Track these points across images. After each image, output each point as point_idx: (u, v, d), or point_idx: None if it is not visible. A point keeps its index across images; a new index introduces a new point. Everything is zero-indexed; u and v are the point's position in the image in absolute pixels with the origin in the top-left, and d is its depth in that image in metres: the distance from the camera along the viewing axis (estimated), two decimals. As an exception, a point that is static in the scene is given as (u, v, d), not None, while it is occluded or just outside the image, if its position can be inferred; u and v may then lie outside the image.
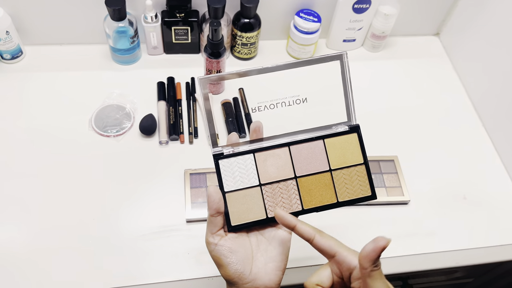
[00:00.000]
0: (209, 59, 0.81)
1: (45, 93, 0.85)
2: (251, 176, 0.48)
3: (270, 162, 0.48)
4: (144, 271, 0.66)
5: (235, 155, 0.48)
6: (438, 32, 1.06)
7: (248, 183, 0.47)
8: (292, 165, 0.49)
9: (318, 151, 0.50)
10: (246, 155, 0.48)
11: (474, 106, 0.93)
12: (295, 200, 0.48)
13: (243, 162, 0.48)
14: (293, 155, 0.49)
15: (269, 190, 0.48)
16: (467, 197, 0.80)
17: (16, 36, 0.85)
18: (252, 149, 0.48)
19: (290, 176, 0.48)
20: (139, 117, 0.82)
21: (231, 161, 0.47)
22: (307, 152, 0.50)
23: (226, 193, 0.47)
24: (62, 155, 0.77)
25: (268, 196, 0.47)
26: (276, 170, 0.48)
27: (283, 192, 0.48)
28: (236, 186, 0.47)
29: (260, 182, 0.48)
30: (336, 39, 0.98)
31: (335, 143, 0.50)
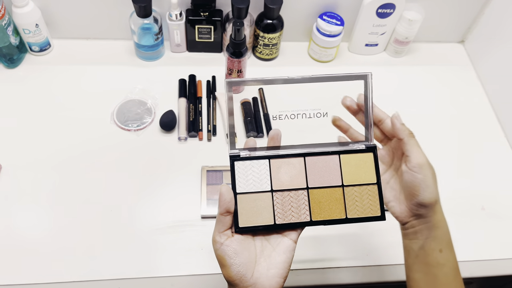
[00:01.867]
0: (231, 59, 0.82)
1: (70, 85, 0.87)
2: (264, 181, 0.48)
3: (284, 170, 0.49)
4: (158, 264, 0.68)
5: (251, 158, 0.48)
6: (463, 39, 1.05)
7: (260, 188, 0.48)
8: (306, 176, 0.49)
9: (333, 165, 0.50)
10: (262, 160, 0.49)
11: (496, 116, 0.92)
12: (304, 211, 0.48)
13: (257, 167, 0.48)
14: (308, 166, 0.50)
15: (280, 197, 0.48)
16: (485, 208, 0.78)
17: (45, 29, 0.88)
18: (268, 155, 0.49)
19: (303, 186, 0.49)
20: (159, 113, 0.83)
21: (246, 164, 0.48)
22: (322, 165, 0.50)
23: (237, 194, 0.47)
24: (83, 147, 0.79)
25: (278, 203, 0.48)
26: (289, 178, 0.49)
27: (293, 201, 0.48)
28: (248, 189, 0.48)
29: (272, 188, 0.48)
30: (359, 43, 0.98)
31: (350, 160, 0.50)
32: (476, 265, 0.72)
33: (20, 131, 0.80)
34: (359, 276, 0.70)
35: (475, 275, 0.72)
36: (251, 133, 0.83)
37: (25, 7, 0.82)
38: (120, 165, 0.77)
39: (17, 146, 0.78)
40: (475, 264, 0.72)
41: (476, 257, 0.73)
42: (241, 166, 0.48)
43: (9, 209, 0.71)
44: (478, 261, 0.72)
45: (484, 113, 0.93)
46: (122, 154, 0.79)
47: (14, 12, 0.82)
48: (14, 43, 0.86)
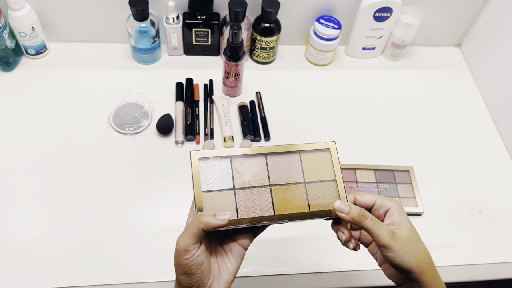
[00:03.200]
0: (228, 62, 0.82)
1: (66, 89, 0.87)
2: (226, 180, 0.49)
3: (246, 168, 0.50)
4: (154, 268, 0.67)
5: (215, 158, 0.49)
6: (459, 43, 1.05)
7: (222, 186, 0.48)
8: (268, 174, 0.50)
9: (294, 163, 0.51)
10: (224, 159, 0.49)
11: (493, 120, 0.92)
12: (268, 208, 0.49)
13: (220, 166, 0.49)
14: (269, 165, 0.51)
15: (242, 195, 0.49)
16: (482, 212, 0.78)
17: (41, 32, 0.87)
18: (230, 155, 0.50)
19: (265, 184, 0.50)
20: (156, 117, 0.83)
21: (208, 163, 0.49)
22: (283, 164, 0.51)
23: (204, 192, 0.48)
24: (80, 151, 0.78)
25: (241, 201, 0.48)
26: (252, 177, 0.50)
27: (256, 198, 0.49)
28: (211, 188, 0.48)
29: (234, 186, 0.49)
30: (356, 46, 0.98)
31: (311, 159, 0.52)
32: (474, 269, 0.72)
33: (16, 135, 0.79)
34: (356, 281, 0.70)
35: (474, 279, 0.71)
36: (248, 136, 0.82)
37: (21, 10, 0.81)
38: (117, 169, 0.77)
39: (12, 150, 0.77)
40: (473, 268, 0.72)
41: (474, 261, 0.73)
42: (203, 166, 0.49)
43: (5, 212, 0.70)
44: (476, 265, 0.72)
45: (480, 116, 0.93)
46: (119, 158, 0.78)
47: (10, 15, 0.82)
48: (10, 46, 0.85)
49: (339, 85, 0.94)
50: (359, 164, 0.80)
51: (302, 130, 0.86)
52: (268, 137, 0.84)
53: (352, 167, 0.80)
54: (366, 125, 0.88)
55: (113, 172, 0.76)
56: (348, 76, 0.96)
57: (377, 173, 0.80)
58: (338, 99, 0.92)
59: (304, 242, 0.72)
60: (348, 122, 0.88)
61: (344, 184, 0.51)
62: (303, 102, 0.91)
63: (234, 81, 0.86)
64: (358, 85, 0.95)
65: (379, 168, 0.80)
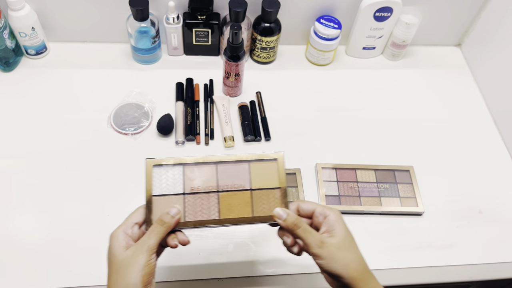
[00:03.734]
0: (228, 62, 0.82)
1: (67, 89, 0.87)
2: (177, 185, 0.53)
3: (196, 175, 0.54)
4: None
5: (167, 165, 0.54)
6: (460, 43, 1.05)
7: (173, 191, 0.52)
8: (217, 181, 0.54)
9: (243, 172, 0.55)
10: (177, 166, 0.54)
11: (493, 119, 0.92)
12: (214, 212, 0.52)
13: (172, 172, 0.53)
14: (219, 173, 0.54)
15: (191, 200, 0.52)
16: (483, 212, 0.78)
17: (41, 32, 0.87)
18: (183, 163, 0.54)
19: (213, 190, 0.53)
20: (157, 117, 0.83)
21: (162, 170, 0.53)
22: (233, 172, 0.54)
23: (153, 196, 0.52)
24: (80, 151, 0.78)
25: (189, 205, 0.52)
26: (201, 183, 0.53)
27: (204, 203, 0.52)
28: (162, 192, 0.52)
29: (184, 191, 0.52)
30: (356, 46, 0.98)
31: (259, 167, 0.55)
32: (474, 268, 0.72)
33: (15, 135, 0.79)
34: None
35: (473, 279, 0.71)
36: (248, 136, 0.82)
37: (21, 10, 0.81)
38: (117, 170, 0.77)
39: (12, 150, 0.77)
40: (473, 267, 0.72)
41: (474, 261, 0.73)
42: (157, 171, 0.53)
43: (4, 213, 0.70)
44: (476, 264, 0.72)
45: (481, 116, 0.93)
46: (119, 158, 0.78)
47: (10, 15, 0.81)
48: (10, 46, 0.85)
49: (340, 85, 0.94)
50: (359, 164, 0.80)
51: (302, 129, 0.86)
52: (268, 137, 0.84)
53: (353, 167, 0.80)
54: (366, 124, 0.88)
55: (113, 172, 0.76)
56: (348, 76, 0.96)
57: (378, 173, 0.80)
58: (339, 99, 0.92)
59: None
60: (349, 122, 0.88)
61: (286, 192, 0.54)
62: (304, 102, 0.91)
63: (235, 81, 0.86)
64: (358, 84, 0.95)
65: (380, 168, 0.80)
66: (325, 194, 0.76)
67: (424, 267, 0.71)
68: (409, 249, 0.72)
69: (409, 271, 0.71)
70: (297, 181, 0.77)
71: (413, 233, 0.75)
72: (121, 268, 0.46)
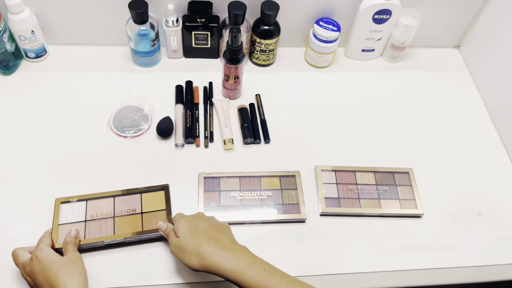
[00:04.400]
0: (228, 65, 0.82)
1: (66, 92, 0.87)
2: (80, 215, 0.70)
3: (96, 206, 0.71)
4: (152, 272, 0.67)
5: (73, 201, 0.71)
6: (459, 44, 1.05)
7: (76, 219, 0.69)
8: (114, 208, 0.71)
9: (136, 200, 0.72)
10: (81, 201, 0.71)
11: (493, 121, 0.92)
12: (110, 231, 0.68)
13: (77, 207, 0.70)
14: (116, 202, 0.71)
15: (92, 224, 0.69)
16: (482, 213, 0.78)
17: (41, 35, 0.87)
18: (87, 198, 0.71)
19: (110, 216, 0.70)
20: (156, 119, 0.83)
21: (69, 205, 0.71)
22: (127, 201, 0.72)
23: (59, 224, 0.68)
24: (80, 154, 0.78)
25: (90, 228, 0.68)
26: (101, 211, 0.70)
27: (102, 226, 0.69)
28: (68, 221, 0.69)
29: (86, 219, 0.69)
30: (355, 48, 0.98)
31: (149, 196, 0.73)
32: (473, 270, 0.72)
33: (15, 138, 0.79)
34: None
35: (473, 281, 0.72)
36: (248, 139, 0.82)
37: (21, 13, 0.81)
38: (117, 172, 0.77)
39: (12, 153, 0.77)
40: (471, 269, 0.72)
41: (473, 263, 0.73)
42: (64, 207, 0.70)
43: (5, 215, 0.70)
44: (475, 266, 0.72)
45: (480, 118, 0.93)
46: (119, 161, 0.78)
47: (9, 18, 0.82)
48: (10, 49, 0.85)
49: (339, 87, 0.94)
50: (358, 166, 0.80)
51: (302, 132, 0.86)
52: (268, 139, 0.84)
53: (352, 169, 0.80)
54: (365, 126, 0.88)
55: (113, 175, 0.76)
56: (347, 78, 0.96)
57: (377, 175, 0.80)
58: (338, 101, 0.92)
59: (304, 244, 0.72)
60: (348, 124, 0.88)
61: (170, 212, 0.71)
62: (303, 104, 0.91)
63: (234, 84, 0.86)
64: (357, 87, 0.95)
65: (379, 170, 0.80)
66: (325, 196, 0.76)
67: (423, 269, 0.71)
68: (408, 251, 0.73)
69: (408, 273, 0.71)
70: (297, 183, 0.77)
71: (412, 235, 0.75)
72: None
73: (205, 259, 0.57)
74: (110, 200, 0.71)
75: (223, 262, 0.56)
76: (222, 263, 0.56)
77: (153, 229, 0.69)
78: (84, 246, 0.67)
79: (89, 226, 0.68)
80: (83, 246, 0.67)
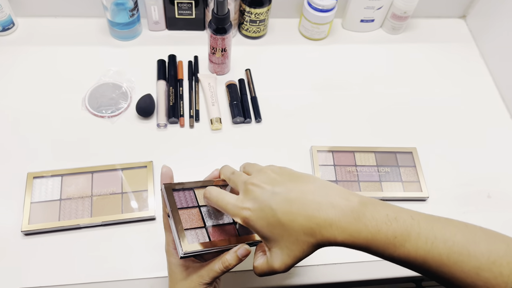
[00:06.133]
0: (214, 36, 0.74)
1: (37, 68, 0.80)
2: (54, 193, 0.64)
3: (72, 183, 0.65)
4: (134, 265, 0.61)
5: (47, 177, 0.65)
6: (464, 14, 0.98)
7: (50, 198, 0.63)
8: (91, 187, 0.65)
9: (116, 178, 0.66)
10: (56, 177, 0.65)
11: (501, 96, 0.86)
12: (87, 213, 0.62)
13: (52, 183, 0.65)
14: (94, 180, 0.65)
15: (68, 204, 0.63)
16: (491, 196, 0.73)
17: (7, 6, 0.80)
18: (62, 174, 0.65)
19: (87, 195, 0.64)
20: (136, 97, 0.76)
21: (43, 180, 0.65)
22: (107, 179, 0.66)
23: (32, 203, 0.63)
24: (52, 136, 0.72)
25: (66, 208, 0.63)
26: (77, 190, 0.64)
27: (78, 207, 0.63)
28: (41, 199, 0.63)
29: (61, 197, 0.63)
30: (353, 18, 0.91)
31: (130, 174, 0.67)
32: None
33: (-20, 120, 0.72)
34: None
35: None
36: (237, 118, 0.76)
37: (-18, -20, 0.73)
38: (94, 156, 0.70)
39: (-24, 136, 0.70)
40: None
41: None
42: (37, 181, 0.64)
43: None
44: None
45: (487, 93, 0.87)
46: (95, 143, 0.72)
47: (-31, -14, 0.74)
48: (-28, 21, 0.77)
49: (336, 61, 0.88)
50: (358, 146, 0.74)
51: (296, 110, 0.80)
52: (259, 118, 0.77)
53: (351, 150, 0.74)
54: (365, 104, 0.82)
55: (89, 158, 0.70)
56: (345, 51, 0.90)
57: (378, 155, 0.74)
58: (335, 76, 0.85)
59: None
60: (346, 101, 0.82)
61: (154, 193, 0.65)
62: (297, 79, 0.84)
63: (221, 57, 0.78)
64: (355, 60, 0.88)
65: (380, 150, 0.75)
66: (321, 180, 0.70)
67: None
68: (413, 238, 0.67)
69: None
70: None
71: (417, 220, 0.69)
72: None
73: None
74: (88, 176, 0.65)
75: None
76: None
77: (132, 215, 0.63)
78: (58, 229, 0.61)
79: (64, 206, 0.63)
80: (58, 229, 0.61)
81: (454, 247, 0.37)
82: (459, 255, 0.37)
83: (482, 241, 0.38)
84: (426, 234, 0.38)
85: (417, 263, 0.38)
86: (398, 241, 0.37)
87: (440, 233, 0.38)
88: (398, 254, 0.38)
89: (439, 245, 0.37)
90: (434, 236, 0.37)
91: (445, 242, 0.37)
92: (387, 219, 0.38)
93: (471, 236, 0.38)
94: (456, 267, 0.37)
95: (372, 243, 0.38)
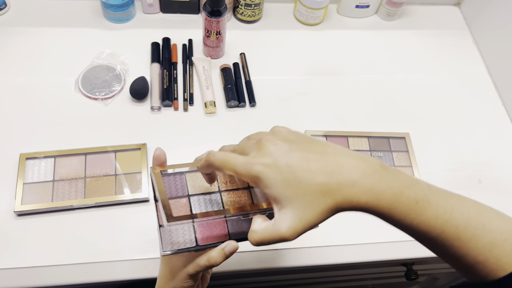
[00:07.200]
0: (209, 18, 0.74)
1: (29, 50, 0.78)
2: (48, 174, 0.63)
3: (65, 164, 0.64)
4: (124, 246, 0.61)
5: (40, 158, 0.64)
6: (459, 2, 0.98)
7: (43, 179, 0.63)
8: (85, 169, 0.64)
9: (109, 160, 0.66)
10: (49, 158, 0.64)
11: (494, 83, 0.86)
12: (80, 194, 0.62)
13: (44, 164, 0.64)
14: (87, 162, 0.65)
15: (61, 185, 0.63)
16: (482, 181, 0.74)
17: (-2, -15, 0.78)
18: (54, 155, 0.65)
19: (81, 176, 0.64)
20: (130, 80, 0.76)
21: (36, 161, 0.64)
22: (100, 161, 0.65)
23: (25, 184, 0.62)
24: (45, 118, 0.71)
25: (58, 190, 0.62)
26: (70, 172, 0.64)
27: (71, 188, 0.62)
28: (34, 180, 0.63)
29: (54, 179, 0.63)
30: (348, 4, 0.90)
31: (124, 156, 0.66)
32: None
33: (-29, 100, 0.71)
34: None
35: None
36: (231, 102, 0.75)
37: (-28, -42, 0.72)
38: (86, 138, 0.69)
39: (-32, 117, 0.69)
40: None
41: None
42: (31, 163, 0.64)
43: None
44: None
45: (480, 80, 0.87)
46: (89, 125, 0.71)
47: (-41, -36, 0.72)
48: (-38, 0, 0.76)
49: (330, 46, 0.87)
50: (351, 131, 0.74)
51: (290, 94, 0.79)
52: (253, 102, 0.77)
53: (344, 135, 0.74)
54: (359, 89, 0.82)
55: (82, 141, 0.69)
56: (339, 37, 0.89)
57: (371, 140, 0.74)
58: (329, 62, 0.85)
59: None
60: (340, 86, 0.82)
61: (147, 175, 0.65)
62: (291, 64, 0.84)
63: (216, 41, 0.78)
64: (350, 46, 0.88)
65: (373, 135, 0.75)
66: (315, 163, 0.70)
67: (420, 240, 0.67)
68: (404, 221, 0.68)
69: (402, 244, 0.66)
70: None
71: (408, 204, 0.69)
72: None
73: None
74: (81, 158, 0.65)
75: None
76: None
77: (126, 194, 0.63)
78: (51, 209, 0.61)
79: (57, 188, 0.62)
80: (51, 209, 0.61)
81: (470, 221, 0.35)
82: (474, 228, 0.35)
83: (494, 218, 0.36)
84: (444, 203, 0.36)
85: (435, 234, 0.36)
86: (419, 207, 0.35)
87: (456, 204, 0.36)
88: (418, 223, 0.36)
89: (457, 216, 0.35)
90: (452, 206, 0.36)
91: (462, 214, 0.36)
92: (408, 184, 0.36)
93: (484, 212, 0.37)
94: (472, 242, 0.35)
95: (395, 207, 0.36)
